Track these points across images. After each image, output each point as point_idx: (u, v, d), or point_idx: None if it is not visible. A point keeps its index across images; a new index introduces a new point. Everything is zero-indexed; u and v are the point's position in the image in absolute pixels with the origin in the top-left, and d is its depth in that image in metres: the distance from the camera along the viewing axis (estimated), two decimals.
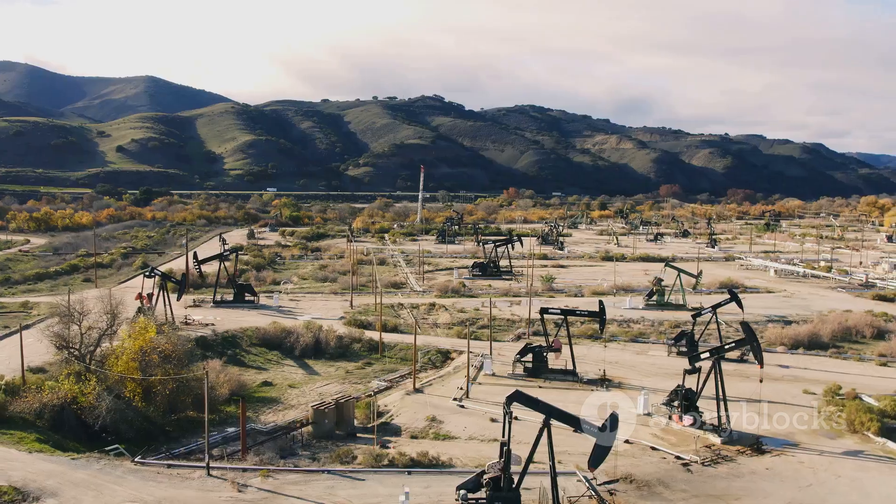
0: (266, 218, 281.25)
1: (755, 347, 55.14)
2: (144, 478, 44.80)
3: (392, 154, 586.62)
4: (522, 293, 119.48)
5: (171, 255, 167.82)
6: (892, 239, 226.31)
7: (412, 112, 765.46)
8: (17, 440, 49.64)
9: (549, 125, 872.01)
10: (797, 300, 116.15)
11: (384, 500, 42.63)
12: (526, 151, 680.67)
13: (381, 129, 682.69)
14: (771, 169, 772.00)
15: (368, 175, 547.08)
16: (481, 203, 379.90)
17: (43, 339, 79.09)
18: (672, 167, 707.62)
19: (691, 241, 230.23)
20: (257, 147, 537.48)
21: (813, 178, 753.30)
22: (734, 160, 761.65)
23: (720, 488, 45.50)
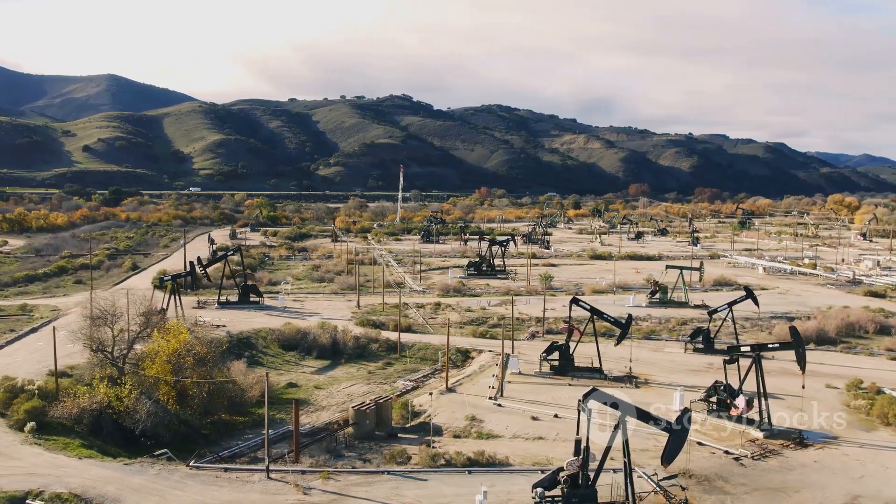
0: (243, 218, 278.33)
1: (800, 354, 55.94)
2: (204, 482, 44.07)
3: (362, 154, 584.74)
4: (523, 292, 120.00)
5: (158, 257, 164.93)
6: (867, 237, 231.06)
7: (381, 111, 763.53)
8: (62, 446, 48.51)
9: (517, 125, 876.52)
10: (793, 297, 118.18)
11: (453, 499, 42.52)
12: (496, 151, 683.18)
13: (350, 128, 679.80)
14: (736, 168, 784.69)
15: (339, 175, 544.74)
16: (457, 203, 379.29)
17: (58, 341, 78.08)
18: (640, 166, 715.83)
19: (670, 239, 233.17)
20: (226, 147, 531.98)
21: (776, 176, 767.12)
22: (700, 159, 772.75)
23: (777, 481, 46.15)
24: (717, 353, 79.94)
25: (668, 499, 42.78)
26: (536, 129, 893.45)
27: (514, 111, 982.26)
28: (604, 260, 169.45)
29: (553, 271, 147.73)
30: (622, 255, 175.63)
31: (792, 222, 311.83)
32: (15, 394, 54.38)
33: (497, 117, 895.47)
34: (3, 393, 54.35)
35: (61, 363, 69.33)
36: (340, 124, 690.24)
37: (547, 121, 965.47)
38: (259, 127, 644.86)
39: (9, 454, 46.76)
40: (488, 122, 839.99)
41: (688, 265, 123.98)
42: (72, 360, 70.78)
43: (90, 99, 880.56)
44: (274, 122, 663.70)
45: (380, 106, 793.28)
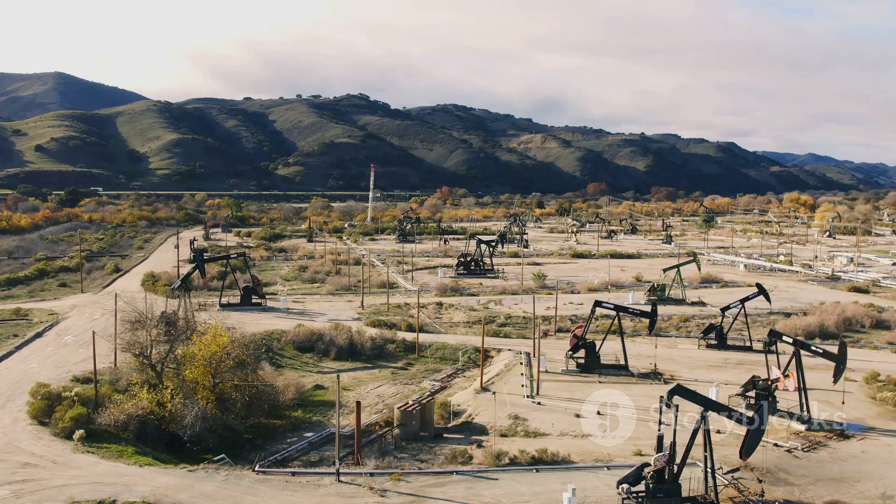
0: (207, 219, 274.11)
1: (840, 369, 57.36)
2: (275, 487, 43.36)
3: (322, 153, 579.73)
4: (519, 291, 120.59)
5: (136, 258, 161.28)
6: (831, 234, 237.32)
7: (338, 111, 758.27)
8: (116, 454, 47.26)
9: (474, 125, 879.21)
10: (781, 293, 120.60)
11: (530, 498, 42.55)
12: (455, 150, 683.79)
13: (308, 127, 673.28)
14: (689, 167, 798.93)
15: (299, 174, 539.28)
16: (425, 202, 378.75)
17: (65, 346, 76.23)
18: (597, 166, 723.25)
19: (642, 237, 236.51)
20: (183, 146, 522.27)
21: (728, 175, 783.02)
22: (655, 159, 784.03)
23: (836, 472, 47.24)
24: (730, 349, 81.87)
25: (739, 492, 43.48)
26: (493, 128, 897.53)
27: (470, 111, 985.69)
28: (586, 258, 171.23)
29: (539, 270, 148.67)
30: (602, 254, 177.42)
31: (754, 220, 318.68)
32: (52, 401, 52.79)
33: (454, 117, 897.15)
34: (41, 401, 52.72)
35: (79, 369, 67.99)
36: (298, 124, 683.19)
37: (503, 120, 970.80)
38: (215, 126, 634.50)
39: (65, 463, 45.40)
40: (445, 122, 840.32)
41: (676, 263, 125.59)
42: (89, 366, 69.15)
43: (37, 97, 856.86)
44: (230, 122, 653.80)
45: (337, 105, 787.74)
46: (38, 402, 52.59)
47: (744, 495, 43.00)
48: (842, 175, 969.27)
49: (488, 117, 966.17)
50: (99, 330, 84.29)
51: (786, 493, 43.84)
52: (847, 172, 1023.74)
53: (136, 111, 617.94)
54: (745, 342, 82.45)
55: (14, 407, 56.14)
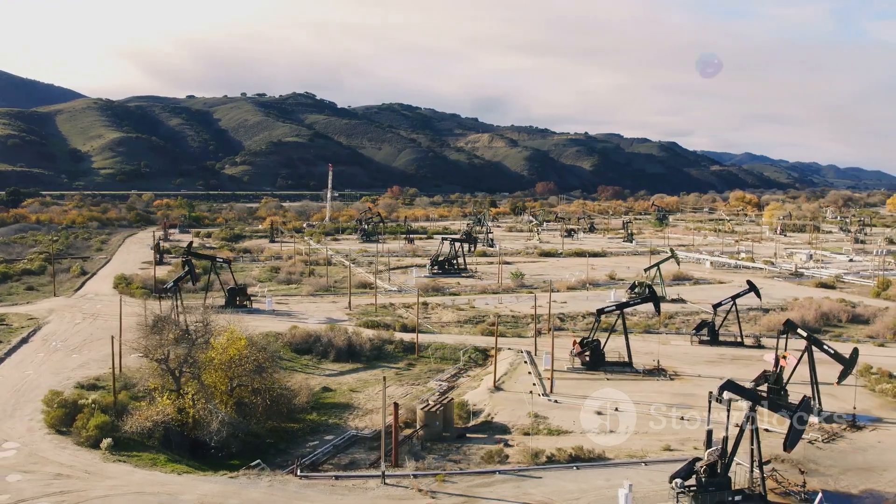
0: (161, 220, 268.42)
1: (847, 372, 59.27)
2: (323, 491, 42.82)
3: (269, 152, 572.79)
4: (500, 290, 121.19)
5: (100, 260, 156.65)
6: (783, 232, 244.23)
7: (285, 109, 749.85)
8: (149, 462, 46.03)
9: (421, 124, 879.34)
10: None
11: (580, 495, 42.90)
12: (403, 150, 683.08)
13: (254, 126, 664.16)
14: (633, 166, 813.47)
15: (247, 174, 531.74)
16: (379, 202, 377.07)
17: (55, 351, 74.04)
18: (544, 165, 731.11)
19: (601, 236, 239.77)
20: (127, 145, 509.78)
21: (671, 174, 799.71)
22: (600, 158, 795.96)
23: (861, 462, 48.78)
24: (722, 345, 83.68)
25: (778, 483, 44.54)
26: (440, 127, 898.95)
27: (416, 110, 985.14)
28: (554, 257, 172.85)
29: (510, 269, 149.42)
30: (569, 252, 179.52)
31: (704, 218, 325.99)
32: (70, 409, 51.13)
33: (400, 116, 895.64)
34: (59, 409, 51.00)
35: (79, 375, 66.06)
36: (244, 122, 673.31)
37: (449, 119, 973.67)
38: (159, 125, 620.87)
39: (98, 472, 44.03)
40: (392, 121, 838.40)
41: (649, 261, 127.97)
42: (88, 372, 67.42)
43: None
44: (174, 120, 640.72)
45: (283, 104, 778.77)
46: (56, 410, 50.82)
47: (784, 486, 44.05)
48: (778, 174, 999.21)
49: (434, 116, 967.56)
50: (87, 335, 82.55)
51: (821, 483, 45.06)
52: (783, 171, 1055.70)
53: (77, 109, 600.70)
54: (735, 338, 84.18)
55: (24, 416, 54.18)
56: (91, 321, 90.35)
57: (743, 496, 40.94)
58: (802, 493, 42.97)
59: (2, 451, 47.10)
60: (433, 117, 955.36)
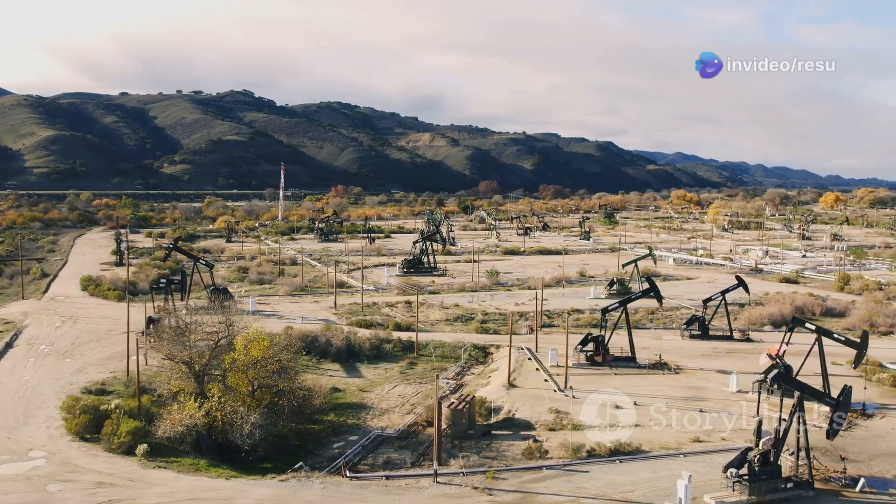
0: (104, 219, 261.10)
1: (861, 354, 61.35)
2: (378, 492, 42.38)
3: (209, 151, 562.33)
4: (478, 288, 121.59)
5: (57, 262, 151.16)
6: (730, 229, 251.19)
7: (223, 107, 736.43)
8: (191, 468, 44.86)
9: (360, 122, 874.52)
10: (722, 285, 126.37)
11: (631, 488, 43.38)
12: (345, 149, 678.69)
13: (192, 124, 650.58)
14: (572, 166, 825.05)
15: (187, 173, 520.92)
16: (327, 200, 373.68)
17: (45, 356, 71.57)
18: (485, 164, 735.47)
19: (556, 234, 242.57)
20: (61, 143, 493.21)
21: (609, 173, 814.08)
22: (540, 157, 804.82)
23: (884, 448, 50.60)
24: (712, 339, 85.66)
25: (816, 470, 45.87)
26: (380, 126, 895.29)
27: (356, 108, 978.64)
28: (518, 255, 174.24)
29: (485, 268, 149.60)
30: (532, 250, 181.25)
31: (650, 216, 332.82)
32: (96, 416, 49.40)
33: (340, 115, 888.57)
34: (84, 415, 49.19)
35: (82, 380, 63.95)
36: (181, 120, 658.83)
37: (389, 118, 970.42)
38: (93, 122, 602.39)
39: (141, 479, 42.65)
40: (332, 120, 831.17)
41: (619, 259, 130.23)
42: (88, 377, 65.28)
43: None
44: (108, 118, 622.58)
45: (221, 101, 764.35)
46: (80, 417, 48.93)
47: (822, 473, 45.39)
48: (710, 173, 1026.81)
49: (374, 115, 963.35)
50: (72, 338, 79.89)
51: (854, 469, 46.53)
52: (715, 170, 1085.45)
53: (5, 106, 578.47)
54: (724, 332, 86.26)
55: (38, 423, 52.11)
56: (72, 324, 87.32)
57: (794, 483, 42.11)
58: (844, 478, 44.35)
59: (30, 461, 45.16)
60: (373, 116, 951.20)
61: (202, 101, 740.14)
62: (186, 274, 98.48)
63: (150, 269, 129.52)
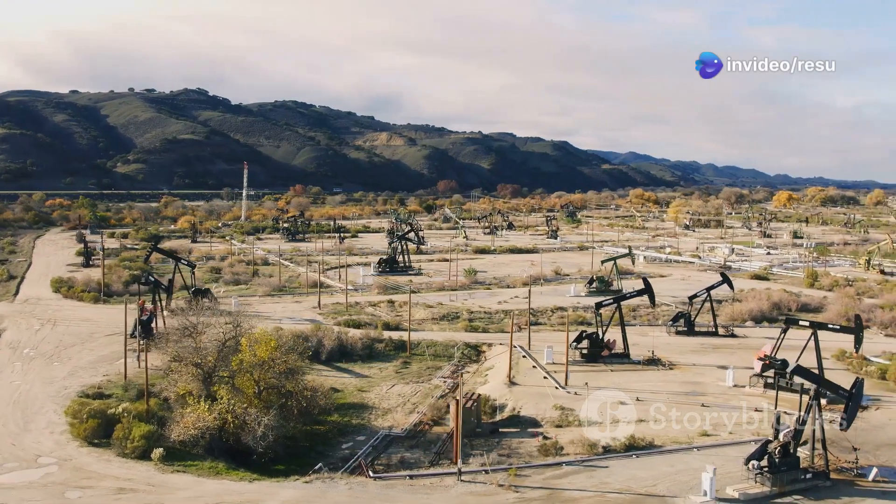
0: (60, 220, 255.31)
1: (859, 338, 63.00)
2: (405, 491, 42.24)
3: (164, 150, 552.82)
4: (458, 287, 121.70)
5: (21, 264, 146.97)
6: (690, 227, 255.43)
7: (177, 106, 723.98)
8: (210, 471, 44.10)
9: (317, 122, 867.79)
10: (695, 282, 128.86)
11: (653, 482, 43.88)
12: (303, 148, 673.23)
13: (145, 123, 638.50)
14: (529, 165, 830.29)
15: (141, 172, 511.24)
16: (288, 200, 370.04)
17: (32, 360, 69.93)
18: (443, 164, 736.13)
19: (521, 233, 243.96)
20: (10, 142, 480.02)
21: (565, 173, 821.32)
22: (497, 157, 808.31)
23: (886, 438, 51.97)
24: (698, 335, 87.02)
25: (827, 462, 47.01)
26: (337, 126, 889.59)
27: (311, 108, 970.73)
28: (489, 254, 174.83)
29: (449, 266, 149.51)
30: (503, 249, 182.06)
31: (611, 215, 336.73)
32: (105, 420, 48.30)
33: (296, 114, 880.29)
34: (93, 420, 48.04)
35: (76, 384, 62.51)
36: (134, 119, 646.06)
37: (345, 118, 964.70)
38: (43, 121, 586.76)
39: (162, 484, 41.85)
40: (288, 119, 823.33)
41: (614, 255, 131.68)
42: (81, 380, 63.78)
43: None
44: (59, 116, 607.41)
45: (175, 100, 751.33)
46: (89, 422, 47.74)
47: (833, 463, 46.47)
48: (663, 172, 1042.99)
49: (330, 114, 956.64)
50: (56, 341, 78.03)
51: (862, 459, 47.75)
52: (667, 170, 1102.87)
53: None
54: (709, 328, 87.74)
55: (40, 429, 50.79)
56: (52, 327, 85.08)
57: (812, 474, 43.09)
58: (856, 468, 45.51)
59: (41, 468, 44.00)
60: (329, 115, 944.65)
61: (155, 100, 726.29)
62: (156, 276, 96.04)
63: (121, 269, 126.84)
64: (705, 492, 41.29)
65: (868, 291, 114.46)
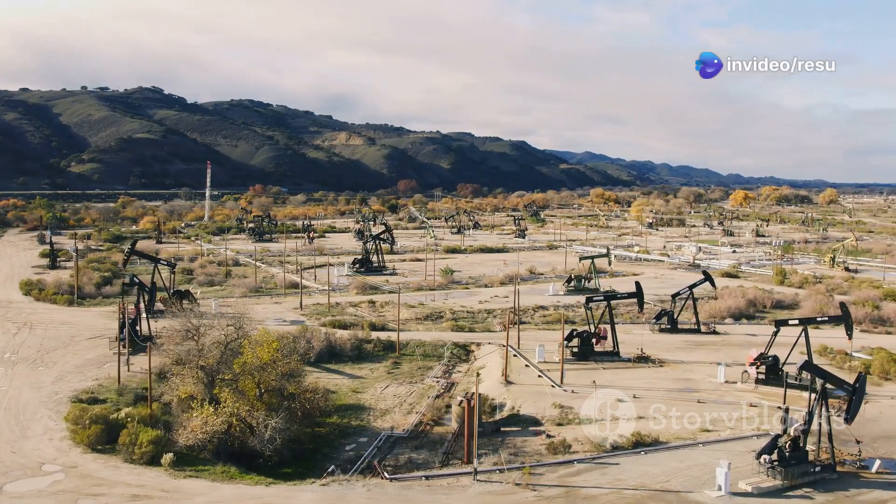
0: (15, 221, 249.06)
1: (849, 324, 64.47)
2: (424, 492, 42.14)
3: (119, 149, 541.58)
4: (436, 287, 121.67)
5: None
6: (653, 226, 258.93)
7: (131, 104, 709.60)
8: (223, 476, 43.42)
9: (274, 121, 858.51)
10: (669, 280, 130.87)
11: (666, 478, 44.42)
12: (261, 147, 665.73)
13: (99, 122, 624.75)
14: (488, 164, 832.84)
15: (97, 172, 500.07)
16: (249, 200, 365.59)
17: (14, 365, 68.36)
18: (403, 163, 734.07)
19: (488, 232, 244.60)
20: None
21: (524, 172, 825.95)
22: (456, 156, 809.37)
23: (880, 430, 53.37)
24: (681, 332, 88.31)
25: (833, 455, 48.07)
26: (295, 125, 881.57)
27: (269, 107, 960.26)
28: (461, 253, 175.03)
29: (422, 266, 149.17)
30: (473, 249, 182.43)
31: (574, 214, 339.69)
32: (108, 425, 47.28)
33: (253, 113, 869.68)
34: (96, 426, 46.97)
35: (66, 389, 61.10)
36: (87, 118, 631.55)
37: (303, 117, 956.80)
38: None
39: (178, 489, 41.10)
40: (246, 118, 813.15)
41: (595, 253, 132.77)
42: (70, 385, 62.38)
43: None
44: (9, 115, 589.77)
45: (129, 98, 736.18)
46: (92, 428, 46.64)
47: (837, 456, 47.56)
48: (620, 172, 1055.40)
49: (288, 114, 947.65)
50: (36, 346, 76.23)
51: (865, 450, 48.96)
52: (623, 169, 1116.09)
53: None
54: (691, 325, 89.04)
55: (38, 435, 49.52)
56: (29, 331, 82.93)
57: (821, 467, 44.09)
58: (859, 461, 46.65)
59: (48, 476, 42.87)
60: (287, 114, 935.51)
61: (109, 98, 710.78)
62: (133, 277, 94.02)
63: (91, 271, 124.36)
64: (720, 486, 41.99)
65: (837, 288, 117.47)
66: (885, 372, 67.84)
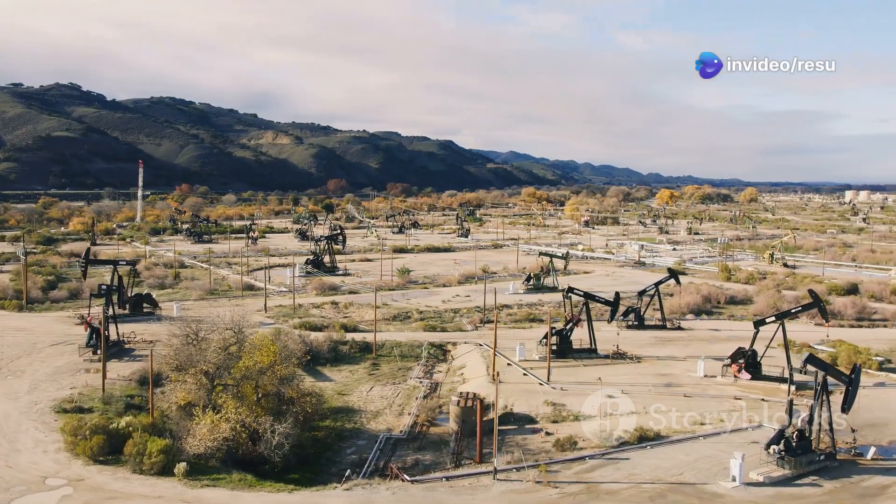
0: None
1: (822, 308, 66.93)
2: (448, 493, 42.13)
3: (37, 148, 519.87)
4: (395, 287, 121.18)
5: None
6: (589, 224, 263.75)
7: (48, 101, 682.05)
8: (242, 484, 42.35)
9: (198, 119, 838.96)
10: (621, 278, 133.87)
11: (678, 471, 45.50)
12: (186, 146, 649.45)
13: (14, 119, 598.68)
14: (416, 164, 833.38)
15: (13, 171, 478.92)
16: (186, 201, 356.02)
17: None
18: (331, 163, 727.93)
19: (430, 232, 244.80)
20: None
21: (452, 171, 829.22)
22: (384, 156, 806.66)
23: (867, 419, 54.95)
24: (648, 328, 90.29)
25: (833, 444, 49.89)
26: (219, 123, 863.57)
27: (191, 104, 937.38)
28: (409, 253, 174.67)
29: (372, 266, 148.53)
30: (420, 248, 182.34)
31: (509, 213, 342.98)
32: (110, 436, 45.56)
33: (176, 110, 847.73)
34: (97, 436, 45.16)
35: (45, 398, 58.61)
36: (1, 115, 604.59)
37: (228, 115, 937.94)
38: None
39: (199, 499, 39.95)
40: (168, 116, 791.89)
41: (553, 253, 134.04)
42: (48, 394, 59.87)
43: None
44: None
45: (46, 95, 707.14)
46: (94, 438, 44.78)
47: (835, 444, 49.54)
48: (545, 171, 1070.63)
49: (212, 111, 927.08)
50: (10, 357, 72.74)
51: (861, 438, 51.05)
52: (548, 169, 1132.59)
53: None
54: (656, 321, 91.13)
55: (30, 448, 47.27)
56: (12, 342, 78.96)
57: (825, 456, 45.92)
58: (854, 448, 48.74)
59: (54, 490, 40.94)
60: (210, 112, 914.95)
61: (24, 95, 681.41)
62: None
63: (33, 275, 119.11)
64: (734, 477, 43.30)
65: (783, 284, 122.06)
66: (852, 363, 70.71)
